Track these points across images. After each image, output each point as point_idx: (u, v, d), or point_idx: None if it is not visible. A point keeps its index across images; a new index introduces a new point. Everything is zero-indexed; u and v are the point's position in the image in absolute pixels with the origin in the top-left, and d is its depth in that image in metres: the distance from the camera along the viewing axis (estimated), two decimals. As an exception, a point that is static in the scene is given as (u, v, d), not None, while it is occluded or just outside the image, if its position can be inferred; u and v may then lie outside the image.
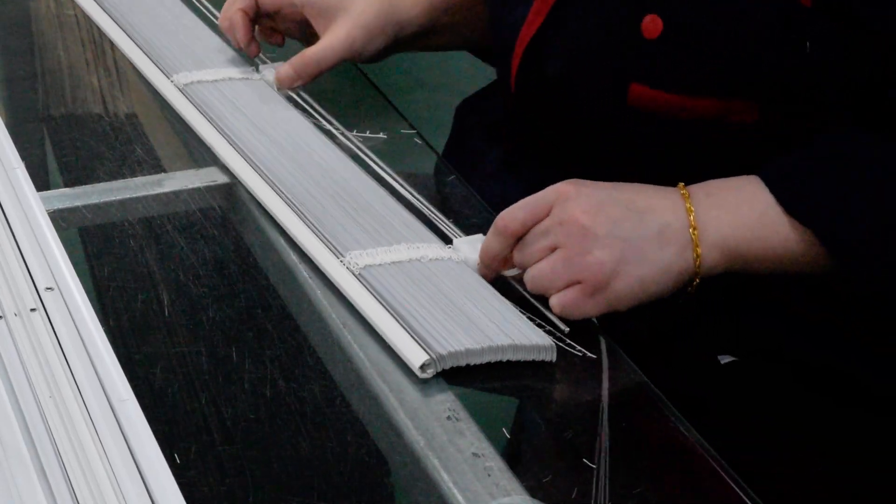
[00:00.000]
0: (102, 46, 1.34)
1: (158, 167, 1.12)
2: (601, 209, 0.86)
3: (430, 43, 1.23)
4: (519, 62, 1.02)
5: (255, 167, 1.05)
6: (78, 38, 1.38)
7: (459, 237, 0.96)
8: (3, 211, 0.97)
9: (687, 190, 0.89)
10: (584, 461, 0.77)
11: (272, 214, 0.99)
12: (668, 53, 0.92)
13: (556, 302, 0.87)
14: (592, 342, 0.87)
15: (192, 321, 0.94)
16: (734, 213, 0.88)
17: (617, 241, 0.86)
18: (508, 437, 0.83)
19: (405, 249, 0.92)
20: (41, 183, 1.05)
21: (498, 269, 0.91)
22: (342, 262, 0.91)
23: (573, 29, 0.98)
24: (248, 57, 1.24)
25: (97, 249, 1.04)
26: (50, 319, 0.84)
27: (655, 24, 0.91)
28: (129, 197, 1.04)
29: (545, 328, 0.87)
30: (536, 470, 0.77)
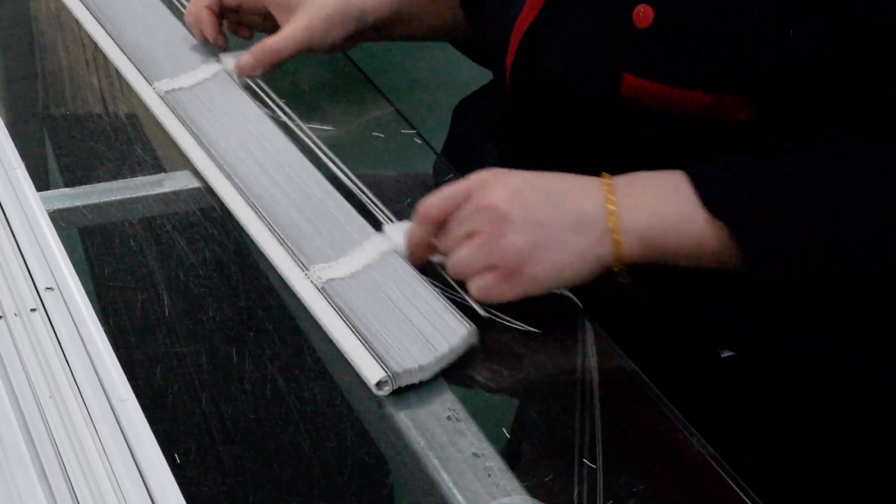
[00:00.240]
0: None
1: (158, 167, 1.12)
2: (518, 195, 0.88)
3: (393, 33, 1.24)
4: (513, 57, 1.02)
5: (226, 174, 1.06)
6: (78, 38, 1.38)
7: (390, 223, 0.98)
8: (3, 211, 0.97)
9: (610, 179, 0.90)
10: (584, 461, 0.77)
11: (243, 225, 1.01)
12: (659, 43, 0.92)
13: (473, 287, 0.88)
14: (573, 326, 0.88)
15: (192, 321, 0.94)
16: (653, 203, 0.89)
17: (532, 226, 0.87)
18: (508, 437, 0.83)
19: (358, 255, 0.94)
20: (41, 183, 1.05)
21: (424, 255, 0.93)
22: (307, 275, 0.93)
23: (567, 21, 0.98)
24: (210, 49, 1.26)
25: (97, 249, 1.04)
26: (50, 319, 0.84)
27: (646, 13, 0.92)
28: (129, 197, 1.04)
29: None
30: (536, 470, 0.77)
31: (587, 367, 0.86)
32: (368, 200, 1.02)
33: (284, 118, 1.16)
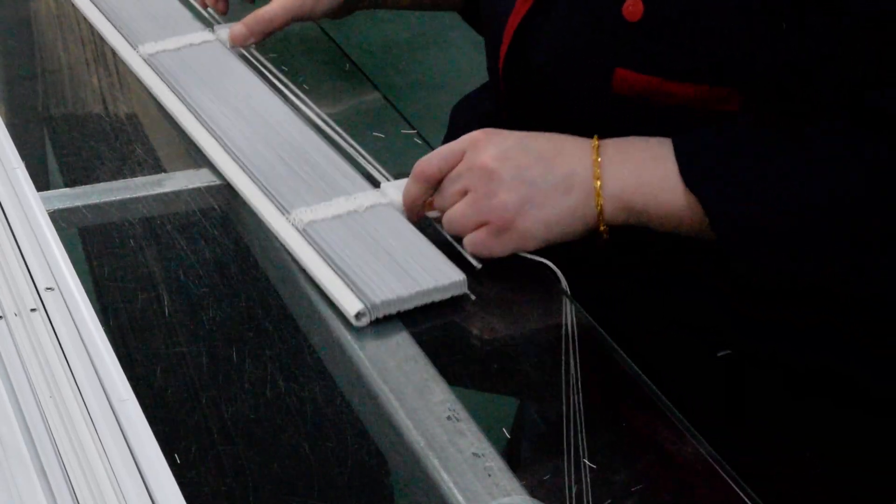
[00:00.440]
0: (102, 47, 1.34)
1: (158, 167, 1.12)
2: (509, 155, 0.92)
3: (387, 1, 1.26)
4: (506, 53, 1.03)
5: (210, 130, 1.09)
6: (78, 38, 1.38)
7: (388, 181, 1.01)
8: (3, 211, 0.97)
9: (599, 142, 0.93)
10: (583, 461, 0.77)
11: (226, 176, 1.04)
12: (650, 36, 0.93)
13: (467, 242, 0.93)
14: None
15: (192, 321, 0.94)
16: (638, 170, 0.92)
17: (522, 184, 0.91)
18: (508, 437, 0.83)
19: (344, 202, 0.98)
20: (41, 183, 1.05)
21: (419, 212, 0.96)
22: (287, 219, 0.96)
23: (558, 16, 0.99)
24: (206, 21, 1.28)
25: (97, 249, 1.04)
26: (50, 319, 0.84)
27: (636, 7, 0.92)
28: (129, 197, 1.04)
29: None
30: (536, 470, 0.77)
31: (587, 367, 0.86)
32: (366, 162, 1.05)
33: (285, 89, 1.18)
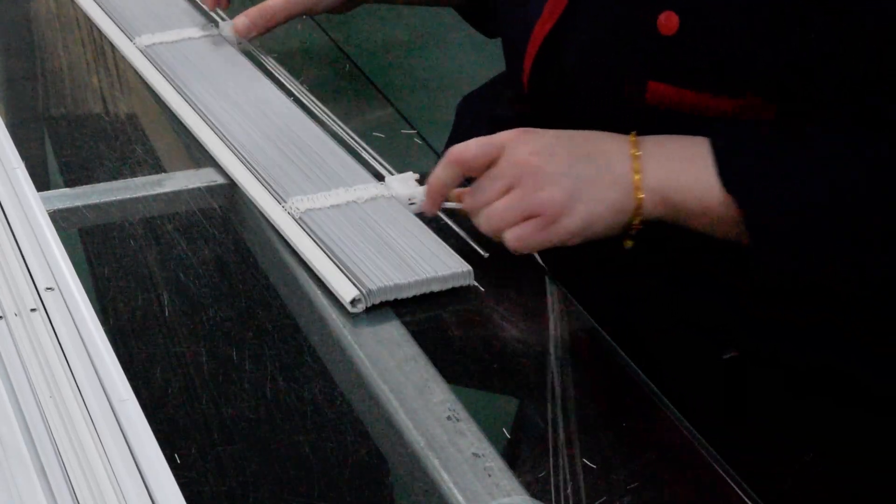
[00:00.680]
0: (102, 47, 1.34)
1: (158, 167, 1.12)
2: (551, 150, 0.92)
3: None
4: (533, 61, 1.02)
5: (208, 122, 1.10)
6: (78, 38, 1.38)
7: (392, 175, 1.02)
8: (3, 211, 0.97)
9: (637, 138, 0.93)
10: (583, 461, 0.77)
11: (223, 167, 1.04)
12: (685, 50, 0.92)
13: (511, 236, 0.91)
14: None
15: (192, 321, 0.94)
16: (677, 166, 0.91)
17: (567, 179, 0.90)
18: (508, 437, 0.83)
19: (343, 192, 0.98)
20: (41, 183, 1.05)
21: (441, 199, 0.96)
22: (284, 207, 0.97)
23: (589, 26, 0.98)
24: (208, 16, 1.29)
25: (97, 249, 1.04)
26: (50, 319, 0.84)
27: (671, 20, 0.92)
28: (129, 197, 1.04)
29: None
30: (536, 470, 0.77)
31: (587, 367, 0.87)
32: (369, 156, 1.06)
33: (287, 83, 1.19)
